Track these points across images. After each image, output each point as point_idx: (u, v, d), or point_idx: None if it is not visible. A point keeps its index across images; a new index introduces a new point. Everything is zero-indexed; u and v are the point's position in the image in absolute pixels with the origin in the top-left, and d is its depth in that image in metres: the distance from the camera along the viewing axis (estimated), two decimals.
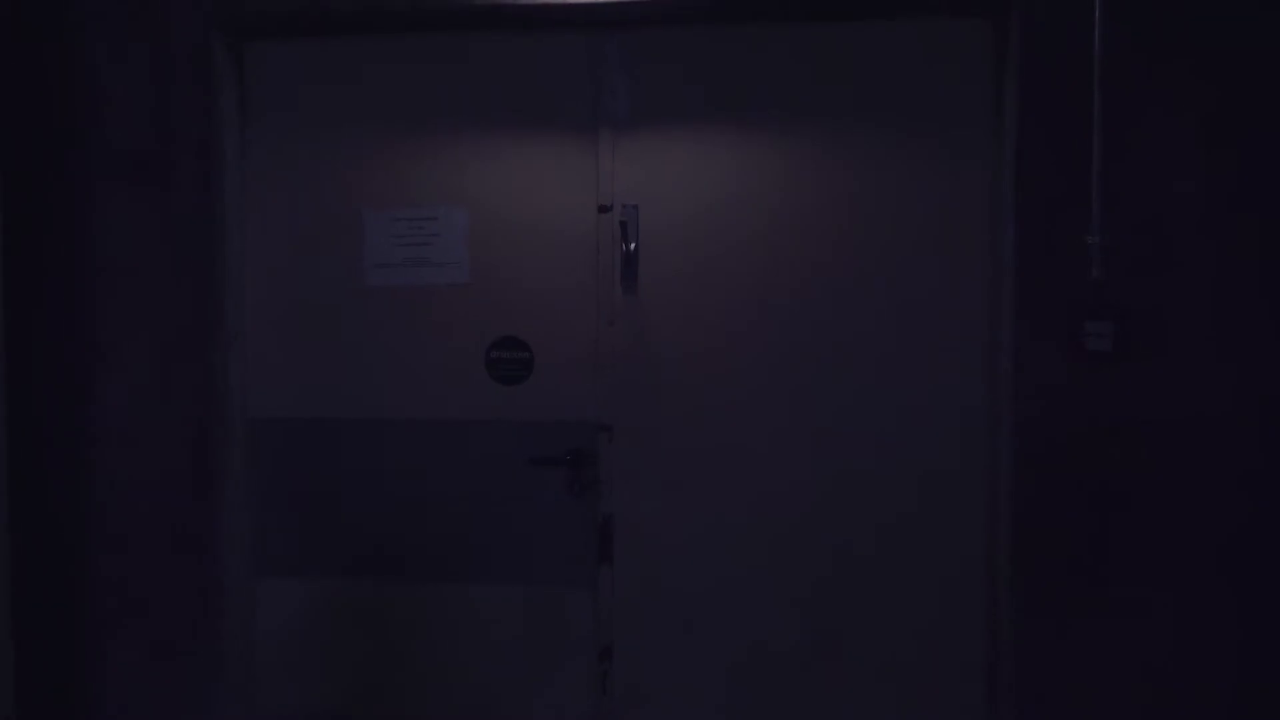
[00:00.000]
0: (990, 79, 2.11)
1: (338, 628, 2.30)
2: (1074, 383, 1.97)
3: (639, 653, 2.23)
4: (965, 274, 2.13)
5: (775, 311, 2.18)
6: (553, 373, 2.24)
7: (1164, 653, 1.97)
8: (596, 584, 2.23)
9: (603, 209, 2.21)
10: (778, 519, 2.18)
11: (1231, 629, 1.96)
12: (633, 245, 2.16)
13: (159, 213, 2.15)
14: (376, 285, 2.27)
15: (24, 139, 2.09)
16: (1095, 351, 1.94)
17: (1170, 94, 1.94)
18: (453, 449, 2.26)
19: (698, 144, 2.19)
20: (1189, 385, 1.95)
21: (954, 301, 2.13)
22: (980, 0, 2.05)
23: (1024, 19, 1.98)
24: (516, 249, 2.24)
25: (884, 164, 2.14)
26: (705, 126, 2.18)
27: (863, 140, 2.15)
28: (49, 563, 2.16)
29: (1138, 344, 1.94)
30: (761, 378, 2.18)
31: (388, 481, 2.28)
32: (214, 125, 2.16)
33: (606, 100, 2.20)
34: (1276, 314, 1.93)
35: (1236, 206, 1.93)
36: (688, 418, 2.20)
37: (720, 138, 2.18)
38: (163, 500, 2.18)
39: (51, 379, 2.16)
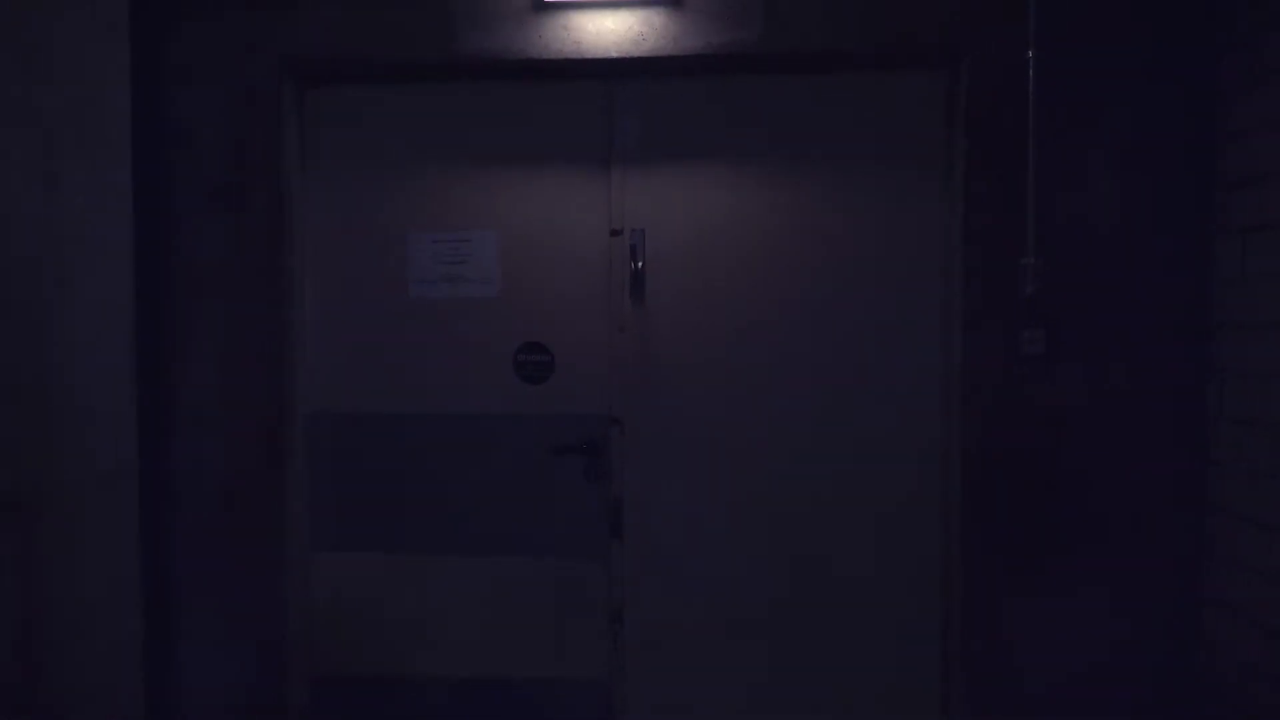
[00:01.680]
0: (943, 124, 2.47)
1: (380, 597, 2.60)
2: (1013, 380, 2.33)
3: (646, 615, 2.55)
4: (923, 288, 2.48)
5: (765, 321, 2.51)
6: (571, 373, 2.56)
7: (1099, 612, 2.33)
8: (609, 557, 2.56)
9: (614, 232, 2.55)
10: (766, 500, 2.52)
11: (1157, 582, 2.32)
12: (640, 264, 2.49)
13: (236, 232, 2.46)
14: (418, 297, 2.58)
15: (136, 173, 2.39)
16: (1030, 354, 2.31)
17: (1093, 139, 2.31)
18: (484, 440, 2.57)
19: (697, 178, 2.52)
20: (1106, 377, 2.32)
21: (913, 311, 2.48)
22: (933, 58, 2.43)
23: (971, 74, 2.35)
24: (540, 266, 2.56)
25: (857, 192, 2.49)
26: (704, 163, 2.52)
27: (839, 174, 2.49)
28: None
29: (1065, 347, 2.31)
30: (753, 378, 2.51)
31: (426, 468, 2.58)
32: (281, 159, 2.48)
33: (618, 139, 2.54)
34: (1175, 318, 2.31)
35: (1145, 234, 2.31)
36: (688, 413, 2.53)
37: (717, 173, 2.52)
38: (238, 476, 2.48)
39: (145, 370, 2.43)
